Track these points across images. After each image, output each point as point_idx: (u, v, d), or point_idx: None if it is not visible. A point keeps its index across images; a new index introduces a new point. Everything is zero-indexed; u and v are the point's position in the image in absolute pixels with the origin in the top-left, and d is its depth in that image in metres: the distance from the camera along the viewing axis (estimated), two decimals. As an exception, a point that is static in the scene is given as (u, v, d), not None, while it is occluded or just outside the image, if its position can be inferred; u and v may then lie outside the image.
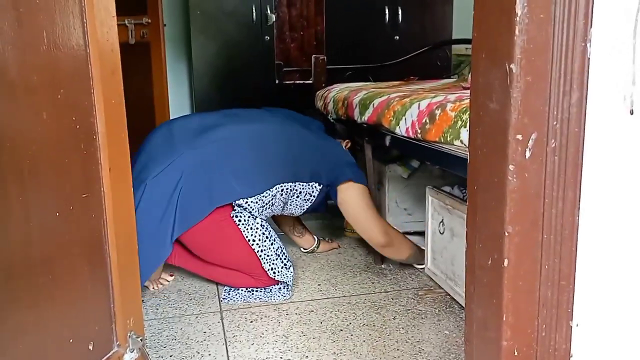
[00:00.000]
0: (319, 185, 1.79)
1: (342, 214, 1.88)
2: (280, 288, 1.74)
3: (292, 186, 1.76)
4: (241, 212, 1.70)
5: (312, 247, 2.12)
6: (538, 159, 0.59)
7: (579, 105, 0.59)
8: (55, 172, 1.04)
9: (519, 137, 0.59)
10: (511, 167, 0.59)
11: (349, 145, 2.01)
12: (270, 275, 1.70)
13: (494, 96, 0.60)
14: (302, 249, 2.14)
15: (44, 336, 1.01)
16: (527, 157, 0.59)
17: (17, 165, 0.95)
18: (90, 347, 1.14)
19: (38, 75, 1.00)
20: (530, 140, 0.59)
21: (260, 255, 1.69)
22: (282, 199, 1.76)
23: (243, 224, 1.68)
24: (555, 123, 0.59)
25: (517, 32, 0.56)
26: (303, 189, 1.78)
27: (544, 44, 0.57)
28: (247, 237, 1.68)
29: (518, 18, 0.56)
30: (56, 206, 1.04)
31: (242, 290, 1.74)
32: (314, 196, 1.81)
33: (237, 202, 1.68)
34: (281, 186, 1.73)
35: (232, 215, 1.68)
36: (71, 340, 1.08)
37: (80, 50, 1.10)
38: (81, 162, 1.11)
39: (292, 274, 1.74)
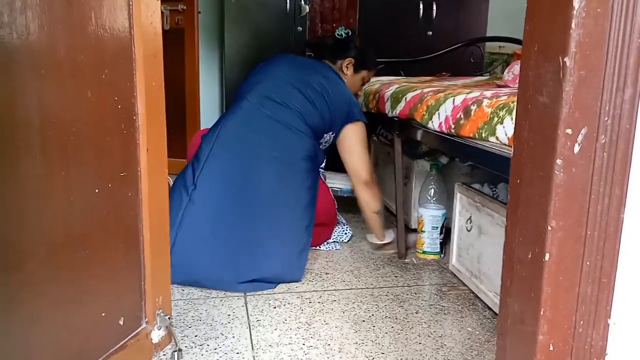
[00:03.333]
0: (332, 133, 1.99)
1: (338, 149, 2.01)
2: (343, 229, 2.16)
3: (328, 136, 1.99)
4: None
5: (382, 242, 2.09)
6: (587, 154, 0.59)
7: (631, 102, 0.59)
8: (97, 150, 1.07)
9: (569, 131, 0.58)
10: (559, 161, 0.59)
11: (373, 74, 2.20)
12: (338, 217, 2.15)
13: (545, 90, 0.60)
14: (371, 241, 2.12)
15: (79, 309, 1.04)
16: (575, 151, 0.59)
17: (61, 141, 0.97)
18: (121, 322, 1.17)
19: (84, 55, 1.02)
20: (580, 135, 0.58)
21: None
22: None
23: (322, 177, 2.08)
24: (606, 119, 0.58)
25: (573, 25, 0.56)
26: (329, 137, 2.00)
27: (599, 38, 0.57)
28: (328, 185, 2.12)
29: (575, 11, 0.56)
30: (96, 183, 1.07)
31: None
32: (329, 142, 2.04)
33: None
34: (324, 137, 1.97)
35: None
36: (103, 314, 1.11)
37: (125, 32, 1.12)
38: (121, 142, 1.14)
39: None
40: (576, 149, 0.59)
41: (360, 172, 1.95)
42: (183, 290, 1.70)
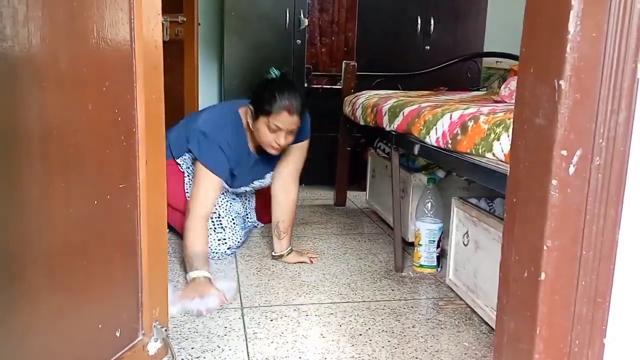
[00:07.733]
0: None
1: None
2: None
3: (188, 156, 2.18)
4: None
5: (280, 253, 2.08)
6: (582, 176, 0.60)
7: (626, 125, 0.60)
8: (96, 162, 1.08)
9: (564, 152, 0.59)
10: (554, 182, 0.60)
11: (281, 118, 1.82)
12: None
13: (541, 111, 0.61)
14: (272, 252, 2.10)
15: (76, 319, 1.04)
16: (570, 172, 0.60)
17: (62, 152, 0.98)
18: (118, 334, 1.17)
19: (86, 68, 1.03)
20: (575, 157, 0.59)
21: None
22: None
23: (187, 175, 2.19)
24: (601, 141, 0.59)
25: (568, 49, 0.57)
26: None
27: (594, 62, 0.58)
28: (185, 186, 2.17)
29: (570, 35, 0.57)
30: (95, 194, 1.07)
31: None
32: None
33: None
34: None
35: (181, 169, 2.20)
36: (100, 326, 1.11)
37: (126, 45, 1.13)
38: (120, 154, 1.14)
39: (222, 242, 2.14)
40: (571, 170, 0.60)
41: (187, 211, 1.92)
42: (179, 301, 1.69)
